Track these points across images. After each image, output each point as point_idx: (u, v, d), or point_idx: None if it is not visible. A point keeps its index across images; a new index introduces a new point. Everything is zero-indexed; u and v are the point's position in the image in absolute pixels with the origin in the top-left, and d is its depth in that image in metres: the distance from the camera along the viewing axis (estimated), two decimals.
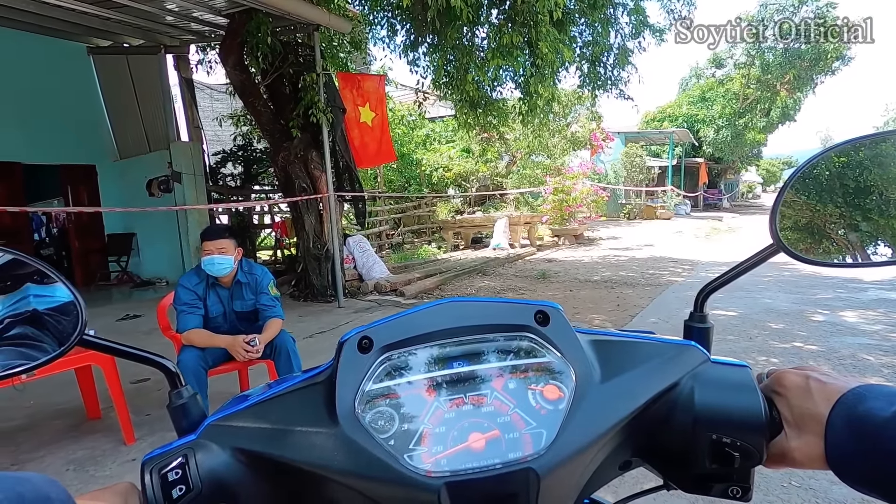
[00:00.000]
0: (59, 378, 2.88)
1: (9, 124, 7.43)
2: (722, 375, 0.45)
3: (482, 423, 0.40)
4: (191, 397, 0.47)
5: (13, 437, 2.86)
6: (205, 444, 0.42)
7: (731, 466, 0.41)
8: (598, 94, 7.81)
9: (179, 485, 0.39)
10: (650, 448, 0.45)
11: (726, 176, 31.82)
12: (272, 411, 0.43)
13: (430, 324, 0.45)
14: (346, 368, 0.42)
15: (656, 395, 0.43)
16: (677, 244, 11.68)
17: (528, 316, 0.45)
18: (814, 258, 0.53)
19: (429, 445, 0.39)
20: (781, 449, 0.42)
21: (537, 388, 0.42)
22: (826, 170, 0.55)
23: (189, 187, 7.73)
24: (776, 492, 2.15)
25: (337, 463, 0.39)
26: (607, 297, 6.12)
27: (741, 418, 0.42)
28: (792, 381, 0.43)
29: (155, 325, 3.19)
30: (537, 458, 0.38)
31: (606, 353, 0.46)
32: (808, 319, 4.83)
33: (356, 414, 0.40)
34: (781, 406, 0.43)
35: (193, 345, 2.59)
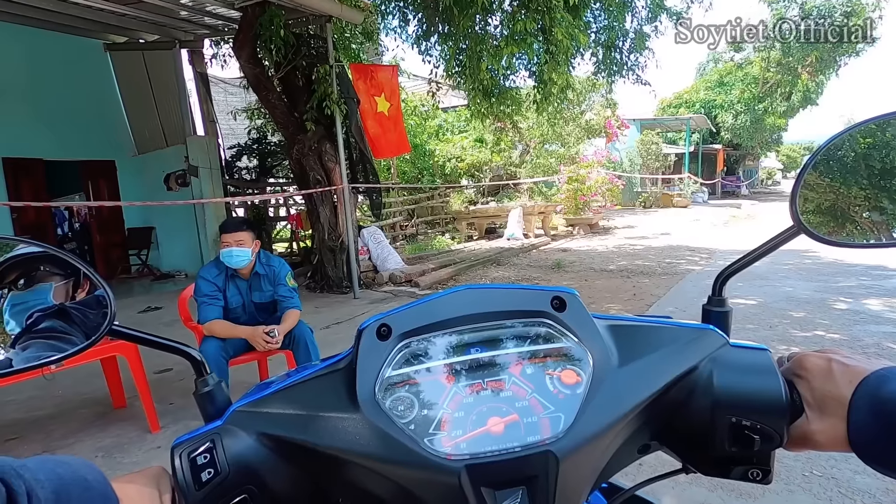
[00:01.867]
0: (85, 368, 2.97)
1: (30, 122, 7.60)
2: (741, 358, 0.44)
3: (501, 408, 0.41)
4: (216, 385, 0.48)
5: (44, 425, 2.96)
6: (231, 429, 0.43)
7: (750, 449, 0.41)
8: (614, 80, 7.70)
9: (208, 468, 0.40)
10: (669, 432, 0.45)
11: (745, 162, 31.15)
12: (295, 397, 0.44)
13: (448, 311, 0.45)
14: (366, 355, 0.43)
15: (674, 379, 0.43)
16: (694, 232, 11.51)
17: (545, 301, 0.45)
18: (836, 239, 0.52)
19: (448, 430, 0.40)
20: (803, 431, 0.42)
21: (555, 372, 0.43)
22: (851, 150, 0.54)
23: (206, 181, 7.83)
24: (797, 481, 2.13)
25: (358, 447, 0.40)
26: (623, 287, 6.06)
27: (761, 401, 0.42)
28: (814, 363, 0.43)
29: (176, 317, 3.25)
30: (556, 441, 0.39)
31: (624, 337, 0.46)
32: (830, 307, 4.74)
33: (376, 399, 0.41)
34: (803, 389, 0.43)
35: (214, 335, 2.64)
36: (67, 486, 0.33)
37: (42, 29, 7.21)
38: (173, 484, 0.41)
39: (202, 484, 0.40)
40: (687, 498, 2.02)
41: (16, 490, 0.30)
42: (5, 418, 3.05)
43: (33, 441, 2.75)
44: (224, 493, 0.40)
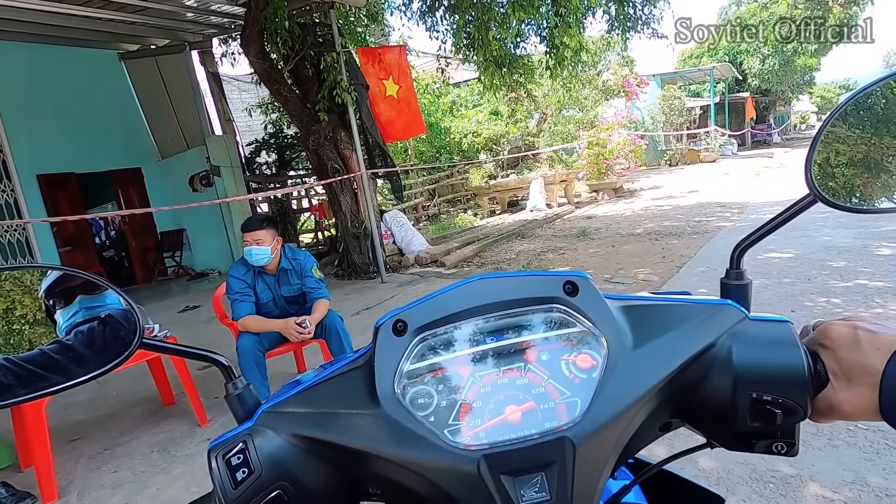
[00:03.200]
0: (134, 370, 3.13)
1: (59, 137, 7.86)
2: (761, 332, 0.44)
3: (517, 396, 0.41)
4: (245, 387, 0.50)
5: (103, 424, 3.15)
6: (261, 429, 0.45)
7: (773, 424, 0.41)
8: (629, 36, 7.39)
9: (242, 468, 0.42)
10: (690, 409, 0.45)
11: (776, 108, 29.71)
12: (319, 396, 0.46)
13: (461, 302, 0.46)
14: (384, 351, 0.44)
15: (692, 358, 0.43)
16: (724, 187, 11.13)
17: (557, 287, 0.45)
18: (858, 206, 0.49)
19: (467, 420, 0.41)
20: (829, 402, 0.41)
21: (570, 357, 0.43)
22: (882, 98, 0.51)
23: (228, 179, 7.98)
24: (841, 435, 2.09)
25: (381, 442, 0.41)
26: (652, 250, 5.95)
27: (782, 375, 0.41)
28: (839, 332, 0.42)
29: (213, 315, 3.38)
30: (572, 426, 0.39)
31: (638, 318, 0.45)
32: (872, 254, 4.55)
33: (396, 394, 0.42)
34: (828, 359, 0.42)
35: (249, 330, 2.73)
36: None
37: (59, 45, 7.39)
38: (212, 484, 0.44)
39: (238, 483, 0.42)
40: (726, 456, 2.01)
41: None
42: (69, 420, 3.25)
43: (95, 440, 2.93)
44: (259, 491, 0.42)
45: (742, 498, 1.80)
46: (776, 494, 1.80)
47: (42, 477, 2.33)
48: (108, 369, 0.49)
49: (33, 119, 7.53)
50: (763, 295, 3.84)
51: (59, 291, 0.58)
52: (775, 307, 3.54)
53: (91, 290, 0.56)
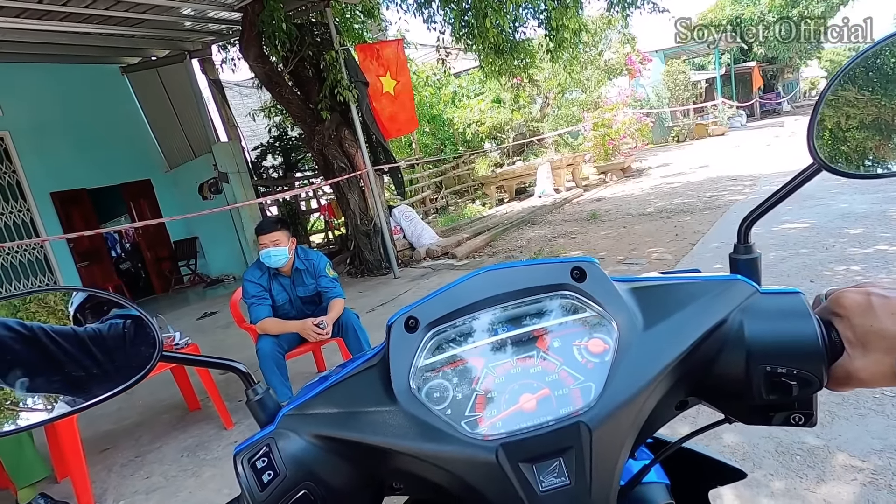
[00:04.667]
0: (159, 378, 3.18)
1: (69, 154, 7.99)
2: (772, 305, 0.43)
3: (532, 384, 0.42)
4: (265, 392, 0.51)
5: (132, 432, 3.23)
6: (283, 432, 0.46)
7: (789, 396, 0.41)
8: (629, 13, 7.28)
9: (268, 471, 0.44)
10: (705, 386, 0.45)
11: (784, 76, 29.08)
12: (337, 397, 0.47)
13: (471, 295, 0.46)
14: (397, 348, 0.45)
15: (704, 335, 0.43)
16: (735, 160, 10.94)
17: (565, 274, 0.46)
18: (865, 171, 0.49)
19: (483, 411, 0.41)
20: (846, 370, 0.41)
21: (582, 343, 0.43)
22: (892, 57, 0.49)
23: (236, 185, 8.05)
24: (868, 403, 2.06)
25: (400, 437, 0.42)
26: (664, 229, 5.89)
27: (795, 346, 0.41)
28: (852, 299, 0.41)
29: (231, 320, 3.43)
30: (587, 410, 0.39)
31: (648, 299, 0.45)
32: (891, 219, 4.46)
33: (412, 390, 0.43)
34: (842, 327, 0.42)
35: (268, 333, 2.77)
36: None
37: (62, 63, 7.48)
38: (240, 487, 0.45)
39: (264, 485, 0.43)
40: (751, 431, 2.00)
41: None
42: (99, 430, 3.33)
43: (126, 448, 3.01)
44: (285, 492, 0.43)
45: (769, 472, 1.79)
46: (804, 466, 1.79)
47: (78, 487, 2.40)
48: (132, 384, 0.51)
49: (43, 138, 7.66)
50: (780, 267, 3.79)
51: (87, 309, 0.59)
52: (793, 279, 3.49)
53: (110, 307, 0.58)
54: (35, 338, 0.51)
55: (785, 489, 1.70)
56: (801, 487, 1.70)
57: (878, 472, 1.69)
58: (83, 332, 0.54)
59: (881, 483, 1.64)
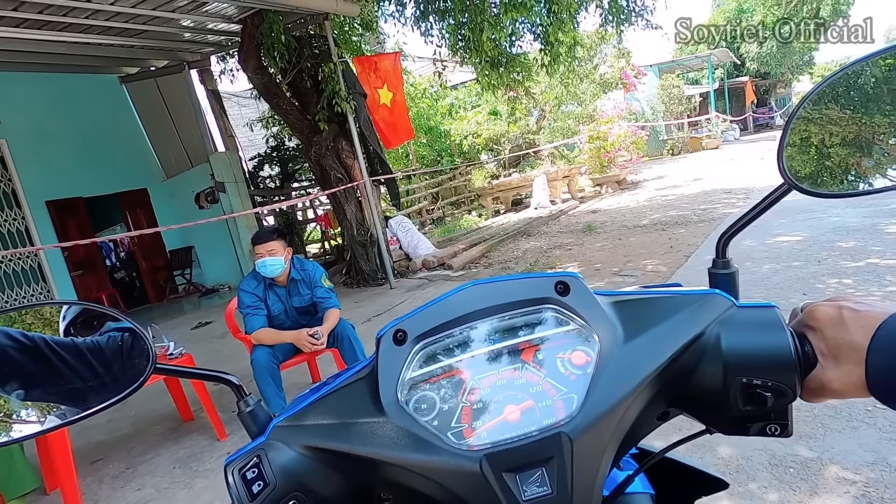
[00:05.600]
0: (152, 388, 3.15)
1: (65, 163, 7.99)
2: (748, 318, 0.45)
3: (516, 395, 0.43)
4: (256, 404, 0.52)
5: (124, 444, 3.19)
6: (273, 443, 0.47)
7: (764, 407, 0.42)
8: (623, 28, 7.39)
9: (257, 481, 0.44)
10: (685, 397, 0.46)
11: (776, 91, 29.44)
12: (326, 408, 0.48)
13: (458, 309, 0.47)
14: (386, 361, 0.46)
15: (682, 347, 0.44)
16: (728, 173, 11.04)
17: (549, 288, 0.47)
18: (833, 190, 0.50)
19: (469, 422, 0.42)
20: (819, 381, 0.42)
21: (565, 355, 0.44)
22: (872, 77, 0.51)
23: (233, 195, 8.06)
24: (860, 416, 2.07)
25: (388, 448, 0.43)
26: (658, 241, 5.93)
27: (769, 358, 0.42)
28: (824, 313, 0.43)
29: (226, 330, 3.41)
30: (569, 421, 0.41)
31: (629, 312, 0.47)
32: (883, 233, 4.50)
33: (399, 402, 0.44)
34: (815, 339, 0.43)
35: (263, 343, 2.76)
36: None
37: (61, 73, 7.51)
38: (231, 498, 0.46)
39: (254, 496, 0.44)
40: (744, 444, 2.01)
41: None
42: (91, 441, 3.30)
43: (117, 459, 2.98)
44: (274, 502, 0.44)
45: (763, 484, 1.79)
46: (797, 479, 1.79)
47: (68, 499, 2.37)
48: (125, 396, 0.51)
49: (40, 146, 7.66)
50: (774, 279, 3.81)
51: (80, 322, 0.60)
52: (786, 291, 3.52)
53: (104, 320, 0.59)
54: (36, 348, 0.52)
55: (778, 501, 1.70)
56: (794, 500, 1.70)
57: (871, 485, 1.70)
58: (81, 343, 0.55)
59: (873, 496, 1.65)
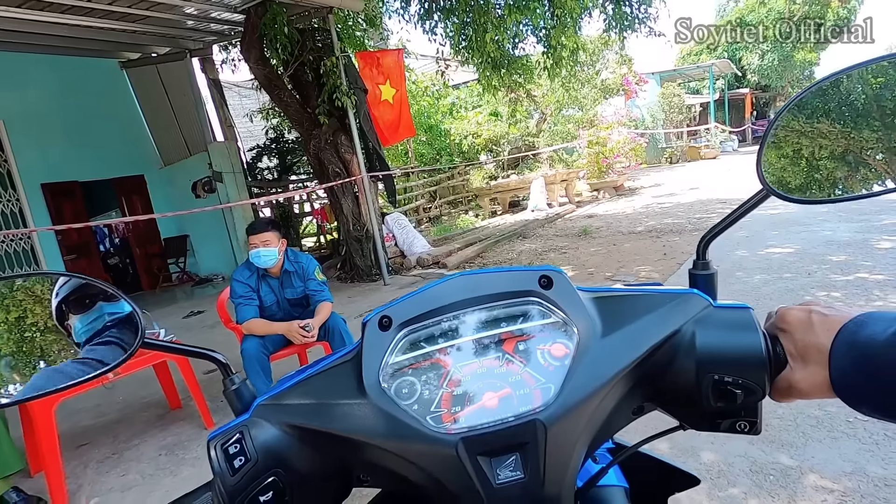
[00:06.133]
0: (141, 375, 3.17)
1: (63, 146, 7.93)
2: (723, 318, 0.46)
3: (495, 384, 0.44)
4: (241, 383, 0.53)
5: (111, 429, 3.19)
6: (257, 421, 0.48)
7: (734, 403, 0.44)
8: (626, 35, 7.42)
9: (239, 457, 0.45)
10: (659, 393, 0.48)
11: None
12: (311, 389, 0.49)
13: (444, 298, 0.49)
14: (370, 346, 0.47)
15: (657, 343, 0.46)
16: (725, 184, 11.11)
17: (533, 281, 0.48)
18: (809, 197, 0.52)
19: (448, 407, 0.44)
20: (787, 382, 0.44)
21: (545, 347, 0.46)
22: (857, 88, 0.53)
23: (231, 185, 8.04)
24: (840, 427, 2.10)
25: (368, 430, 0.44)
26: (653, 248, 5.96)
27: (741, 357, 0.44)
28: (795, 316, 0.45)
29: (218, 319, 3.41)
30: (544, 409, 0.42)
31: (609, 308, 0.48)
32: (873, 248, 4.55)
33: (381, 385, 0.45)
34: (786, 341, 0.45)
35: (253, 333, 2.76)
36: None
37: (62, 55, 7.46)
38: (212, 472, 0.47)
39: (235, 470, 0.45)
40: (727, 449, 2.03)
41: None
42: (77, 426, 3.29)
43: (103, 444, 2.97)
44: (255, 477, 0.45)
45: (743, 490, 1.82)
46: (776, 486, 1.82)
47: (52, 482, 2.36)
48: (111, 368, 0.52)
49: (37, 129, 7.60)
50: (764, 290, 3.85)
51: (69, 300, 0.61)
52: (776, 302, 3.55)
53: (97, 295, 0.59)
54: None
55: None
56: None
57: (848, 494, 1.72)
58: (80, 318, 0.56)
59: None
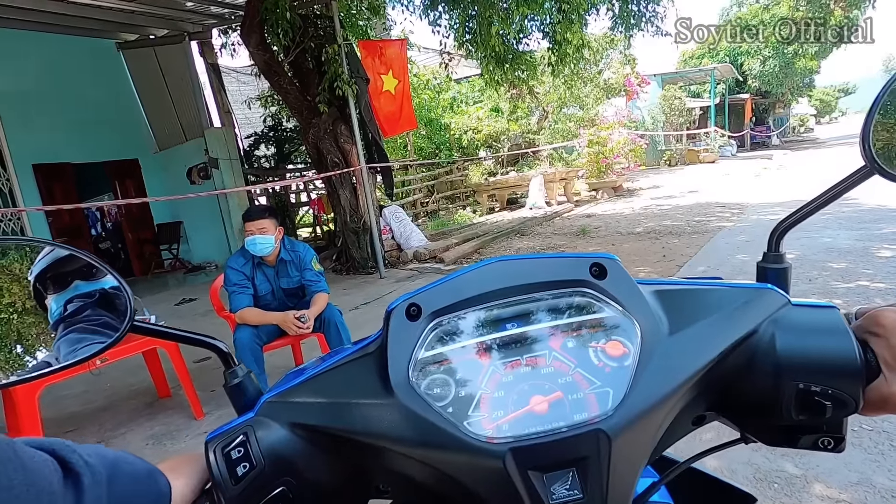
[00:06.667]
0: (129, 361, 3.09)
1: (56, 127, 7.78)
2: (806, 319, 0.41)
3: (543, 385, 0.38)
4: (245, 375, 0.47)
5: (97, 417, 3.11)
6: (263, 420, 0.42)
7: (822, 416, 0.38)
8: (632, 34, 7.36)
9: (243, 462, 0.39)
10: (727, 401, 0.42)
11: (775, 110, 29.73)
12: (326, 385, 0.43)
13: (479, 286, 0.43)
14: (397, 337, 0.41)
15: (732, 345, 0.40)
16: (724, 188, 11.12)
17: (583, 270, 0.42)
18: None
19: (488, 411, 0.38)
20: (881, 394, 0.38)
21: (598, 345, 0.40)
22: None
23: (227, 172, 7.93)
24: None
25: (395, 432, 0.38)
26: (651, 249, 5.93)
27: (832, 364, 0.38)
28: (893, 319, 0.39)
29: (210, 308, 3.34)
30: (606, 418, 0.36)
31: (672, 303, 0.42)
32: (874, 256, 4.53)
33: (410, 382, 0.39)
34: (879, 348, 0.39)
35: (247, 323, 2.69)
36: (117, 463, 0.36)
37: (57, 34, 7.30)
38: (210, 479, 0.40)
39: (239, 479, 0.39)
40: (730, 456, 1.99)
41: (72, 462, 0.32)
42: (63, 412, 3.21)
43: (88, 432, 2.89)
44: (262, 487, 0.39)
45: None
46: (781, 494, 1.78)
47: None
48: (99, 352, 0.46)
49: (30, 108, 7.45)
50: None
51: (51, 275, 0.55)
52: None
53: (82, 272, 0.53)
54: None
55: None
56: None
57: None
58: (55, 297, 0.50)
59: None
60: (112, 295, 0.50)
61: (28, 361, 0.47)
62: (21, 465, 0.28)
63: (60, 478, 0.31)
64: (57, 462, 0.31)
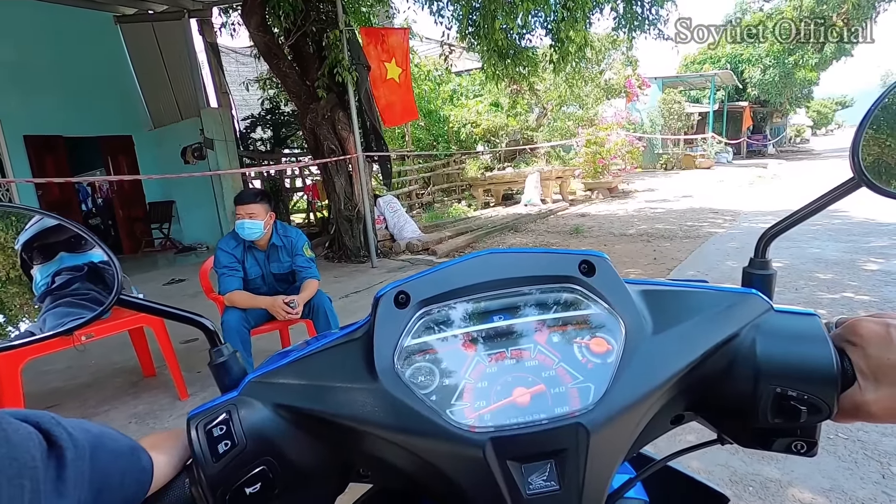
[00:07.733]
0: (115, 339, 3.07)
1: (48, 99, 7.66)
2: (787, 325, 0.41)
3: (526, 378, 0.39)
4: (231, 355, 0.47)
5: (80, 393, 3.09)
6: (247, 400, 0.42)
7: (796, 421, 0.39)
8: (635, 36, 7.35)
9: (224, 440, 0.39)
10: (705, 402, 0.43)
11: (773, 119, 29.93)
12: (311, 368, 0.43)
13: (469, 277, 0.43)
14: (384, 324, 0.41)
15: (714, 347, 0.41)
16: (718, 194, 11.20)
17: (572, 266, 0.43)
18: None
19: (471, 400, 0.38)
20: (854, 402, 0.39)
21: (583, 341, 0.40)
22: None
23: (221, 153, 7.85)
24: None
25: (377, 418, 0.39)
26: (643, 251, 5.97)
27: (809, 370, 0.39)
28: (871, 329, 0.39)
29: (199, 289, 3.32)
30: (586, 412, 0.37)
31: (658, 303, 0.43)
32: (860, 268, 4.60)
33: (395, 369, 0.40)
34: (856, 356, 0.40)
35: (236, 306, 2.68)
36: (100, 437, 0.36)
37: (54, 4, 7.17)
38: (190, 455, 0.41)
39: (219, 456, 0.39)
40: (707, 458, 2.02)
41: (56, 436, 0.32)
42: (45, 387, 3.19)
43: (70, 409, 2.88)
44: (242, 465, 0.39)
45: None
46: (755, 498, 1.81)
47: None
48: (84, 323, 0.46)
49: (23, 77, 7.32)
50: None
51: (37, 245, 0.54)
52: None
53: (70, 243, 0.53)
54: None
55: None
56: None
57: None
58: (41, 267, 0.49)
59: None
60: (100, 269, 0.49)
61: (11, 331, 0.47)
62: (5, 437, 0.29)
63: (44, 451, 0.31)
64: (41, 435, 0.31)
